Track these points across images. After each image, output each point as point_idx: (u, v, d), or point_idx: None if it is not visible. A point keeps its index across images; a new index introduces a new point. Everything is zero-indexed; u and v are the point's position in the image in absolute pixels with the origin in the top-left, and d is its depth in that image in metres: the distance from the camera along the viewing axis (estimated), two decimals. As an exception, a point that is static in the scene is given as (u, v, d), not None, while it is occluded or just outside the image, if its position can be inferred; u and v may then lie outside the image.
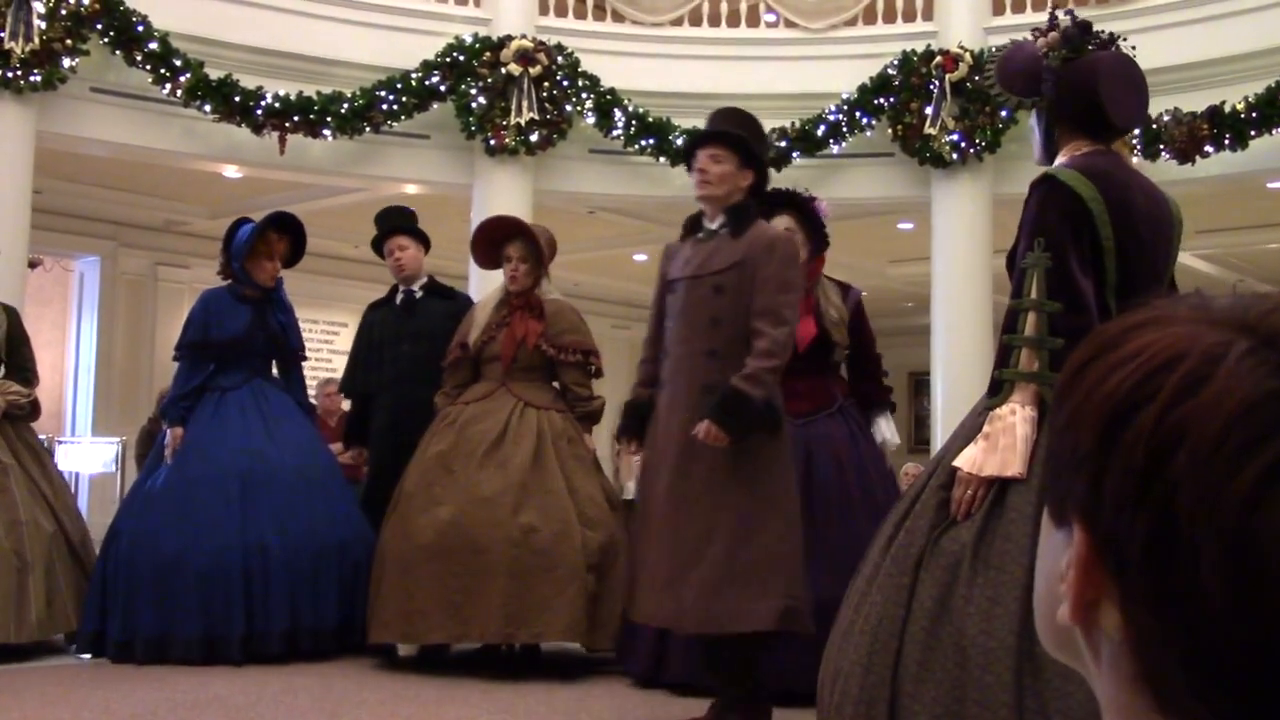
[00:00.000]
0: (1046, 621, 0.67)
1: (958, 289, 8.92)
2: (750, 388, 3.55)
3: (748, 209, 3.78)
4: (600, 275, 13.51)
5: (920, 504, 2.65)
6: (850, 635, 2.62)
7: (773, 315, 3.63)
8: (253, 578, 4.86)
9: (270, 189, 9.90)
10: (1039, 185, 2.69)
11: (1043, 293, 2.61)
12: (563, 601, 4.60)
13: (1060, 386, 0.64)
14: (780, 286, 3.67)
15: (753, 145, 3.81)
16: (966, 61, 8.67)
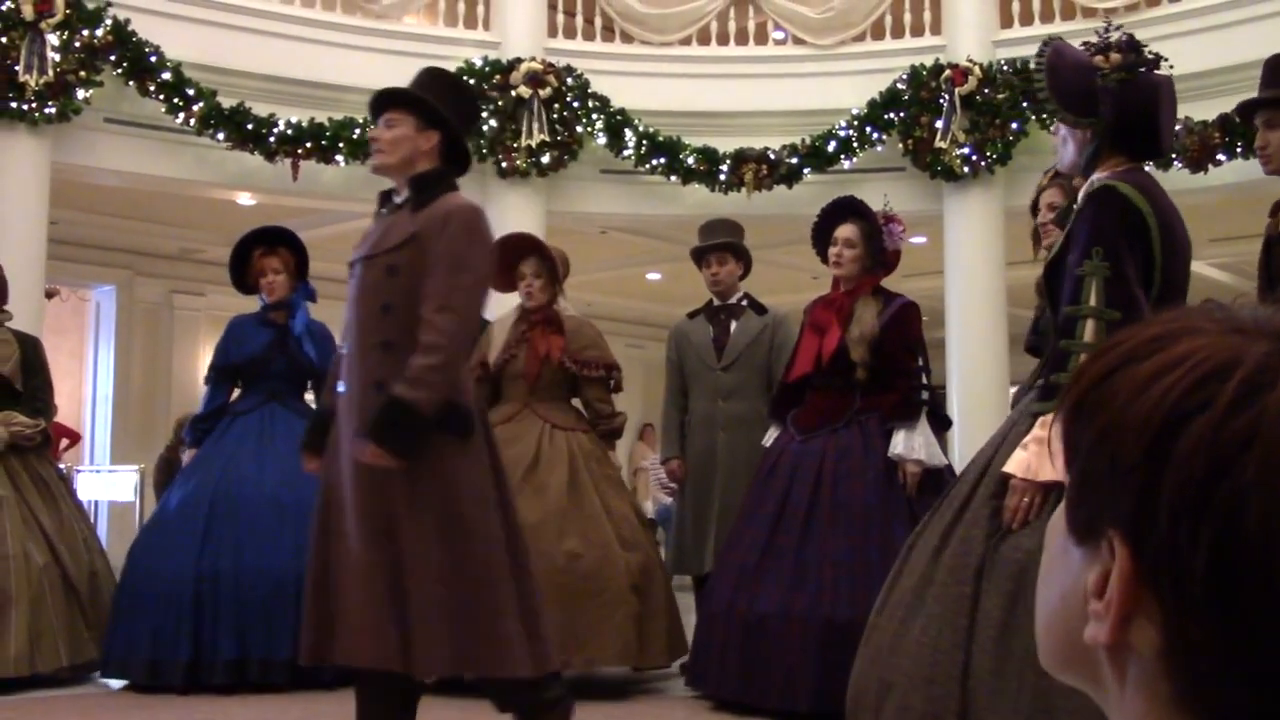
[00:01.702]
0: (1057, 641, 0.65)
1: (972, 302, 8.90)
2: (412, 393, 2.98)
3: (434, 177, 3.26)
4: (613, 295, 13.51)
5: (971, 513, 2.63)
6: (901, 647, 2.58)
7: (439, 300, 3.07)
8: (203, 605, 4.79)
9: (284, 215, 9.92)
10: (1098, 195, 2.70)
11: (1102, 301, 2.62)
12: (611, 626, 4.60)
13: (1078, 400, 0.63)
14: (452, 266, 3.11)
15: (431, 103, 3.26)
16: (976, 75, 8.67)
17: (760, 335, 5.38)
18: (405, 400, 2.98)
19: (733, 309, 5.48)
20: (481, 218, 3.25)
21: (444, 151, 3.31)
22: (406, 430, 2.98)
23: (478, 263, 3.16)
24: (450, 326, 3.05)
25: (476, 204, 3.31)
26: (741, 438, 5.24)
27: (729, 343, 5.38)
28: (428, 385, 3.00)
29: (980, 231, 8.89)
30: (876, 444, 4.48)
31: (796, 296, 10.99)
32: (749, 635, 4.33)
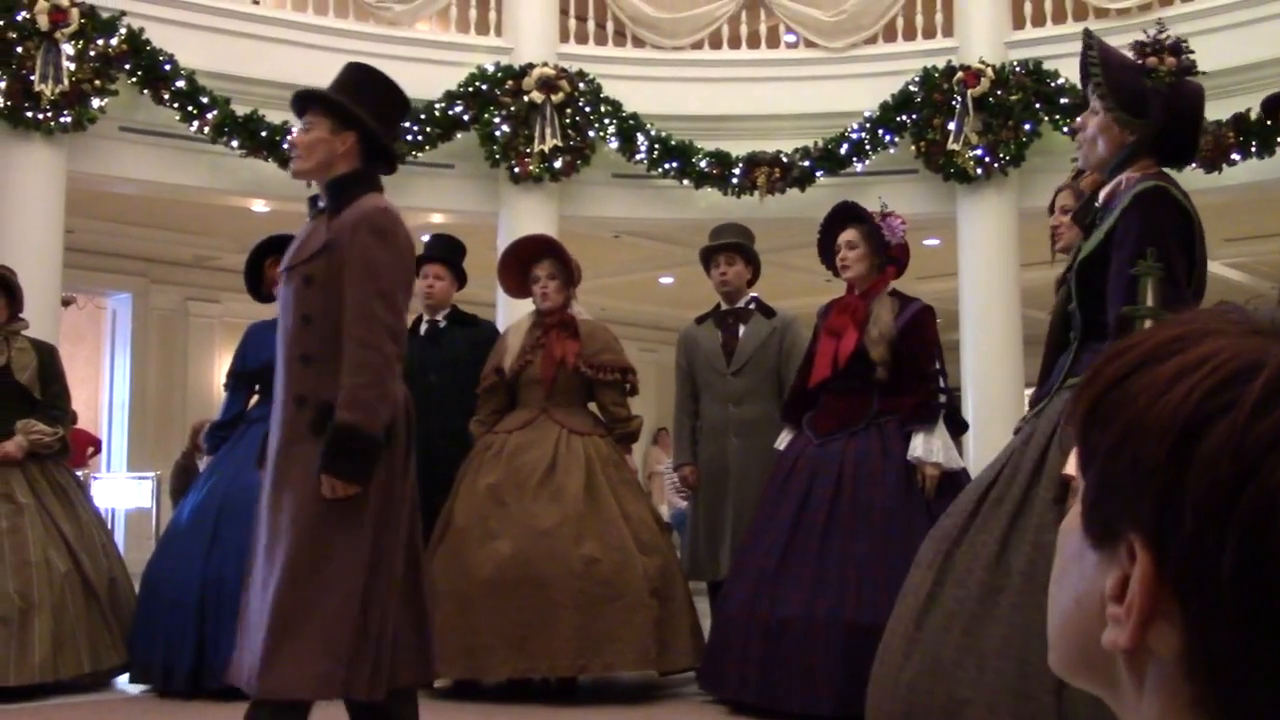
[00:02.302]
0: (1072, 646, 0.64)
1: (986, 304, 8.88)
2: (352, 416, 2.89)
3: (350, 180, 3.12)
4: (627, 299, 13.52)
5: (1037, 518, 2.56)
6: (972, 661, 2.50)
7: (355, 312, 2.96)
8: (207, 609, 4.81)
9: (298, 222, 9.92)
10: (1149, 196, 2.68)
11: (1157, 301, 2.60)
12: (630, 631, 4.58)
13: (1094, 401, 0.62)
14: (365, 274, 2.98)
15: (344, 103, 3.13)
16: (988, 76, 8.66)
17: (769, 339, 5.36)
18: (347, 425, 2.89)
19: (741, 313, 5.46)
20: (391, 217, 3.08)
21: (365, 152, 3.16)
22: (355, 455, 2.88)
23: (391, 266, 3.02)
24: (375, 340, 2.95)
25: (388, 204, 3.13)
26: (753, 442, 5.23)
27: (738, 347, 5.36)
28: (363, 405, 2.91)
29: (994, 233, 8.87)
30: (895, 447, 4.46)
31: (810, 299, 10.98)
32: (770, 638, 4.33)
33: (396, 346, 3.03)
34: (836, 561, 4.30)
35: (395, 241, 3.05)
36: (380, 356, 2.96)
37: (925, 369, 4.57)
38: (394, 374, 3.02)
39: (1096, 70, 2.79)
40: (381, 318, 2.97)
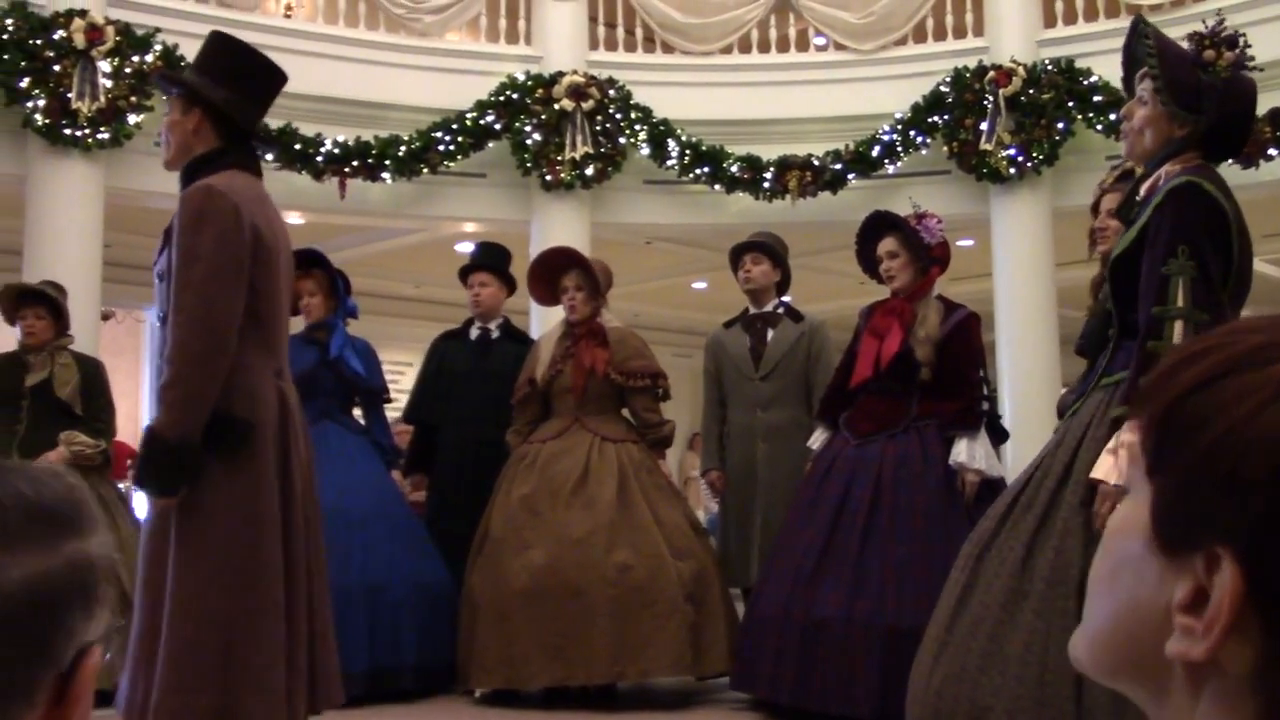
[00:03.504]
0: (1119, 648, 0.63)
1: (1021, 304, 8.83)
2: (157, 420, 2.68)
3: (197, 163, 2.90)
4: (660, 305, 13.52)
5: (1062, 523, 2.53)
6: (995, 666, 2.48)
7: (173, 304, 2.73)
8: None
9: (332, 233, 10.04)
10: (1182, 192, 2.62)
11: (1189, 301, 2.55)
12: (665, 636, 4.59)
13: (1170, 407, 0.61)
14: (182, 261, 2.73)
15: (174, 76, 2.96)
16: (1020, 75, 8.61)
17: (797, 343, 5.33)
18: (150, 429, 2.68)
19: (769, 317, 5.43)
20: (210, 196, 2.79)
21: (224, 130, 2.95)
22: (156, 463, 2.65)
23: (208, 249, 2.72)
24: (180, 333, 2.69)
25: (213, 180, 2.84)
26: (781, 447, 5.21)
27: (766, 351, 5.33)
28: (169, 406, 2.67)
29: (1028, 233, 8.82)
30: (935, 451, 4.44)
31: (844, 303, 10.93)
32: (806, 639, 4.31)
33: (214, 340, 2.72)
34: (876, 563, 4.29)
35: (213, 221, 2.76)
36: (185, 353, 2.69)
37: (969, 375, 4.55)
38: (206, 372, 2.70)
39: (1154, 60, 2.72)
40: (191, 310, 2.70)
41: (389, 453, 5.51)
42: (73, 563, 0.81)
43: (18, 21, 7.57)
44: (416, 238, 10.19)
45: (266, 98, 3.13)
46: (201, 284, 2.71)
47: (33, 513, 0.80)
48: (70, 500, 0.84)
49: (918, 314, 4.55)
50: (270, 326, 2.89)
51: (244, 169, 2.96)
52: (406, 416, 5.94)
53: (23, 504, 0.80)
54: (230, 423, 2.72)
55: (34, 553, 0.79)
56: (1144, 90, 2.76)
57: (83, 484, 0.88)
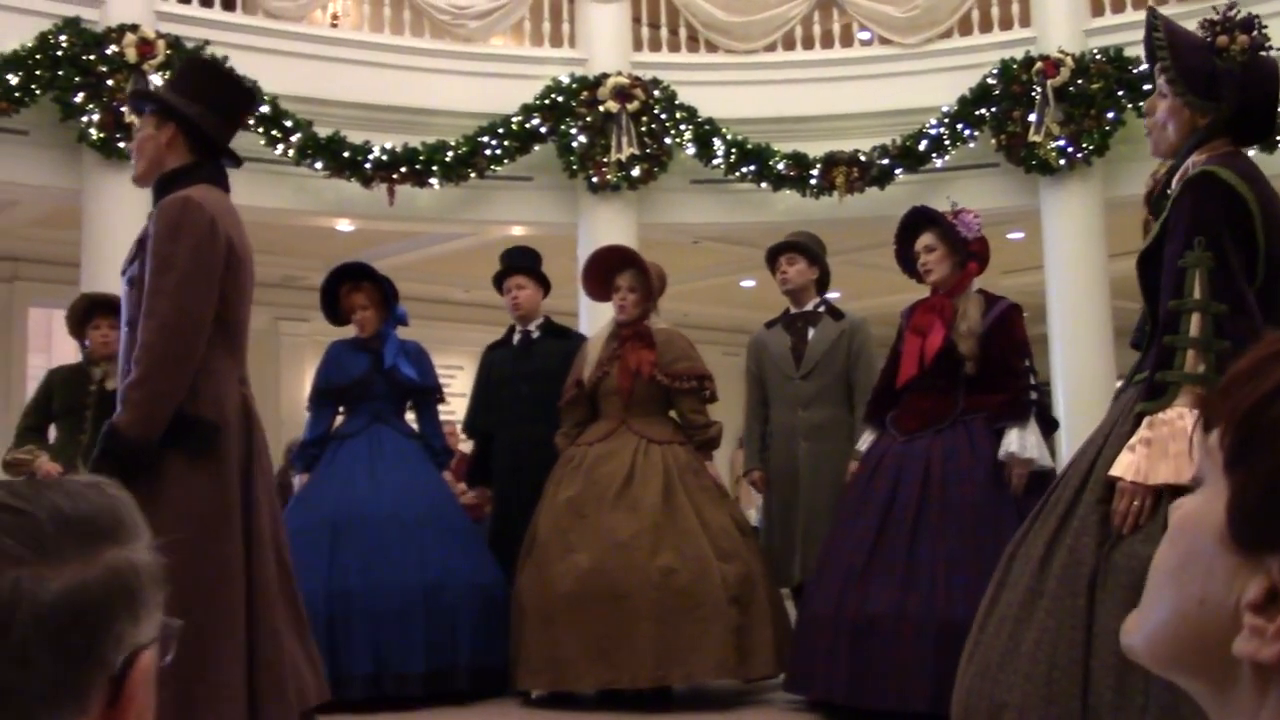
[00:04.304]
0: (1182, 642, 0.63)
1: (1074, 296, 8.74)
2: (120, 416, 2.76)
3: (171, 176, 3.00)
4: (708, 304, 13.52)
5: (1079, 520, 2.51)
6: (1011, 664, 2.47)
7: (144, 309, 2.83)
8: (335, 622, 4.83)
9: (381, 239, 10.14)
10: (1196, 182, 2.58)
11: (1206, 293, 2.51)
12: (710, 640, 4.59)
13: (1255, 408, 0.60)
14: (156, 268, 2.83)
15: (152, 95, 3.03)
16: (1068, 65, 8.52)
17: (838, 341, 5.30)
18: (112, 425, 2.77)
19: (810, 316, 5.41)
20: (185, 207, 2.91)
21: (196, 145, 3.06)
22: (112, 457, 2.73)
23: (183, 257, 2.85)
24: (150, 336, 2.80)
25: (191, 192, 2.97)
26: (823, 446, 5.20)
27: (807, 351, 5.31)
28: (133, 404, 2.76)
29: (1080, 224, 8.72)
30: (983, 445, 4.41)
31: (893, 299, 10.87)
32: (859, 637, 4.30)
33: (183, 345, 2.83)
34: (927, 558, 4.27)
35: (189, 231, 2.88)
36: (153, 356, 2.79)
37: (1014, 366, 4.52)
38: (171, 375, 2.81)
39: (1164, 53, 2.69)
40: (162, 315, 2.81)
41: (441, 454, 5.55)
42: (114, 570, 0.84)
43: (71, 38, 7.70)
44: (465, 242, 10.26)
45: (237, 115, 3.24)
46: (175, 291, 2.83)
47: (69, 525, 0.83)
48: (109, 510, 0.87)
49: (958, 309, 4.53)
50: (236, 335, 3.01)
51: (214, 184, 3.06)
52: (465, 430, 6.02)
53: (59, 517, 0.83)
54: (196, 423, 2.82)
55: (72, 563, 0.82)
56: (1161, 84, 2.72)
57: (124, 493, 0.90)
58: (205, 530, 2.78)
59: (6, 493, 0.84)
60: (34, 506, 0.83)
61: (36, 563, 0.80)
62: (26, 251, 10.73)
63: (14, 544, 0.81)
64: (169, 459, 2.78)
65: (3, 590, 0.79)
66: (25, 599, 0.79)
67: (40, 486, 0.86)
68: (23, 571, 0.80)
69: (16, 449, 5.42)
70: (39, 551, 0.81)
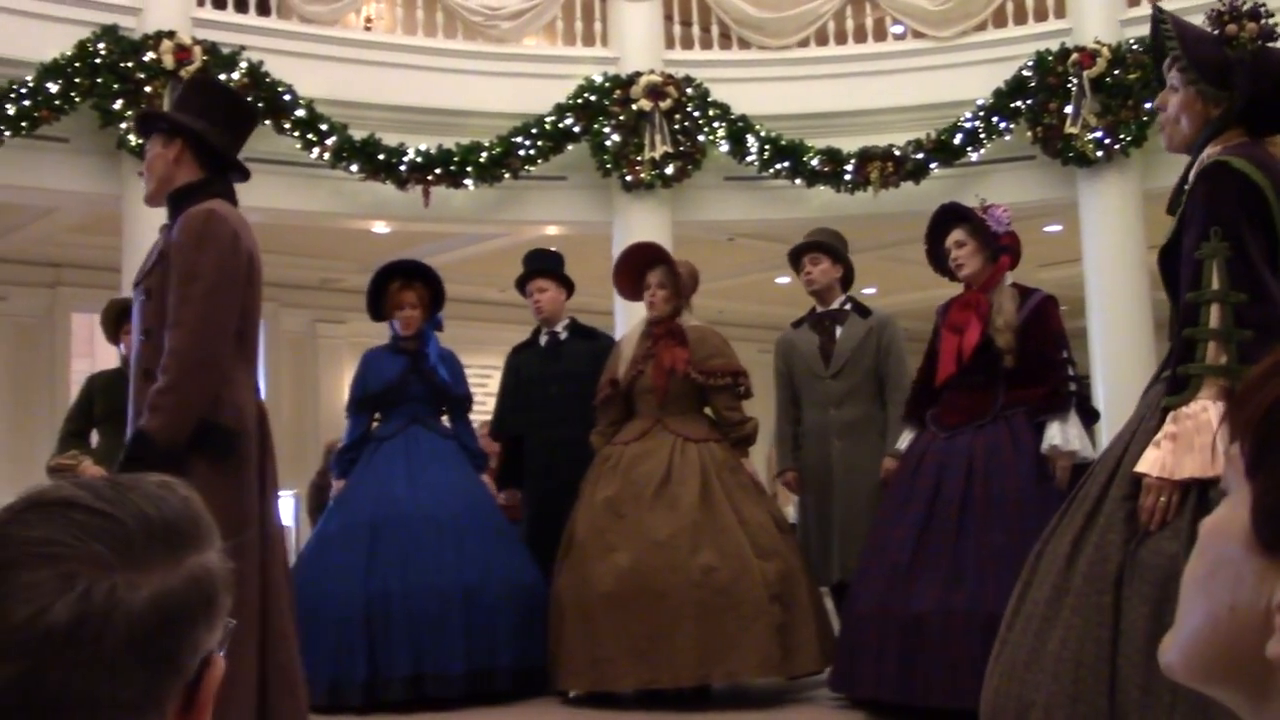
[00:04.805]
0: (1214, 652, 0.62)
1: (1113, 288, 8.66)
2: (146, 422, 2.84)
3: (186, 190, 3.09)
4: (743, 301, 13.50)
5: (1104, 518, 2.50)
6: (1038, 663, 2.45)
7: (170, 318, 2.92)
8: (375, 624, 4.85)
9: (417, 241, 10.18)
10: (1211, 173, 2.56)
11: (1225, 284, 2.49)
12: (751, 638, 4.58)
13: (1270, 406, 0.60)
14: (182, 278, 2.93)
15: (156, 113, 3.13)
16: (1104, 56, 8.45)
17: (866, 338, 5.29)
18: (139, 430, 2.85)
19: (837, 314, 5.39)
20: (213, 219, 3.01)
21: (204, 161, 3.15)
22: (141, 463, 2.78)
23: (208, 268, 2.94)
24: (178, 344, 2.88)
25: (214, 204, 3.07)
26: (856, 444, 5.18)
27: (836, 349, 5.30)
28: (160, 411, 2.84)
29: (1118, 216, 8.65)
30: (1025, 439, 4.40)
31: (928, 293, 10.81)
32: (906, 634, 4.28)
33: (210, 353, 2.92)
34: (973, 554, 4.25)
35: (215, 243, 2.97)
36: (181, 363, 2.88)
37: (1052, 358, 4.50)
38: (200, 382, 2.90)
39: (1174, 44, 2.68)
40: (190, 324, 2.90)
41: (477, 457, 5.57)
42: (194, 576, 0.84)
43: (109, 45, 7.79)
44: (500, 242, 10.29)
45: (241, 130, 3.31)
46: (202, 299, 2.92)
47: (155, 530, 0.83)
48: (188, 514, 0.87)
49: (993, 304, 4.51)
50: (252, 344, 3.11)
51: (226, 198, 3.14)
52: (492, 433, 6.01)
53: (145, 523, 0.83)
54: (218, 430, 2.91)
55: (159, 570, 0.82)
56: (1173, 78, 2.70)
57: (195, 494, 0.91)
58: (227, 534, 2.82)
59: (91, 495, 0.83)
60: (120, 511, 0.83)
61: (126, 569, 0.80)
62: (68, 257, 10.86)
63: (105, 550, 0.80)
64: (192, 464, 2.85)
65: (97, 597, 0.78)
66: (120, 607, 0.79)
67: (123, 488, 0.85)
68: (116, 579, 0.79)
69: (60, 454, 5.49)
70: (128, 558, 0.81)
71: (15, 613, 0.77)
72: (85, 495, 0.83)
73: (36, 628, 0.77)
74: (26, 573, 0.78)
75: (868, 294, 12.44)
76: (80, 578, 0.79)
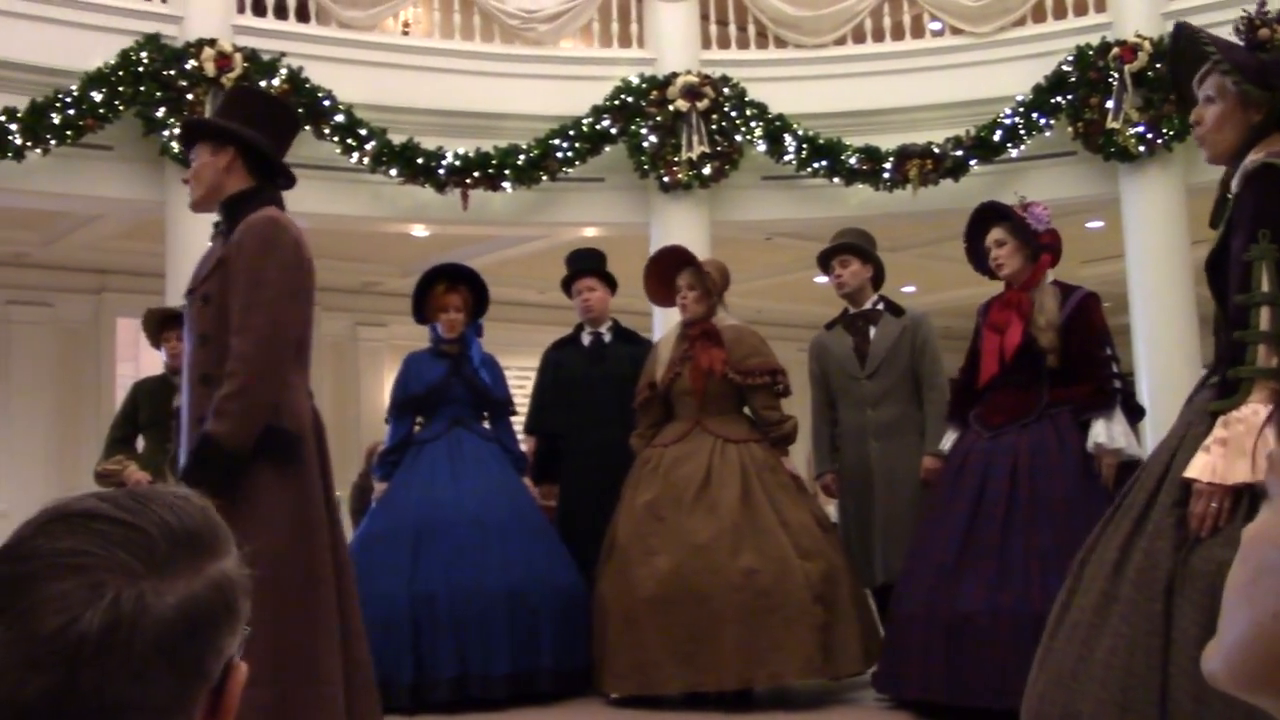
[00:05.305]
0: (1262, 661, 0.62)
1: (1157, 285, 8.57)
2: (215, 425, 2.86)
3: (241, 196, 3.12)
4: (781, 300, 13.47)
5: (1153, 524, 2.47)
6: (1085, 672, 2.43)
7: (236, 323, 2.95)
8: (420, 626, 4.87)
9: (456, 244, 10.23)
10: (1259, 176, 2.55)
11: (1275, 286, 2.48)
12: (794, 640, 4.58)
13: None
14: (248, 284, 2.96)
15: (211, 121, 3.14)
16: (1146, 50, 8.36)
17: (901, 338, 5.26)
18: (206, 434, 2.87)
19: (870, 315, 5.37)
20: (276, 226, 3.05)
21: (254, 168, 3.17)
22: (210, 466, 2.83)
23: (275, 274, 2.99)
24: (246, 349, 2.92)
25: (275, 212, 3.11)
26: (894, 444, 5.17)
27: (870, 350, 5.28)
28: (229, 416, 2.87)
29: (1161, 212, 8.56)
30: (1070, 437, 4.38)
31: (968, 291, 10.74)
32: (952, 635, 4.26)
33: (277, 358, 2.97)
34: (1019, 554, 4.23)
35: (280, 250, 3.02)
36: (250, 368, 2.91)
37: (1096, 355, 4.47)
38: (268, 387, 2.95)
39: (1212, 49, 2.65)
40: (258, 329, 2.94)
41: (518, 459, 5.59)
42: (216, 583, 0.85)
43: (151, 53, 7.88)
44: (538, 245, 10.32)
45: (286, 136, 3.33)
46: (269, 305, 2.96)
47: (178, 538, 0.85)
48: (207, 522, 0.89)
49: (1035, 303, 4.48)
50: (307, 350, 3.17)
51: (278, 205, 3.16)
52: (529, 428, 6.02)
53: (168, 531, 0.85)
54: (281, 435, 2.95)
55: (183, 577, 0.83)
56: (1209, 88, 2.68)
57: (210, 504, 0.92)
58: (297, 538, 2.90)
59: (112, 505, 0.85)
60: (143, 520, 0.84)
61: (153, 577, 0.82)
62: (113, 264, 10.99)
63: (130, 558, 0.82)
64: (257, 469, 2.89)
65: (127, 605, 0.80)
66: (148, 613, 0.80)
67: (143, 499, 0.87)
68: (144, 586, 0.81)
69: (106, 460, 5.56)
70: (153, 566, 0.82)
71: (47, 623, 0.78)
72: (107, 507, 0.85)
73: (69, 637, 0.78)
74: (55, 583, 0.80)
75: (907, 292, 12.38)
76: (108, 586, 0.80)
